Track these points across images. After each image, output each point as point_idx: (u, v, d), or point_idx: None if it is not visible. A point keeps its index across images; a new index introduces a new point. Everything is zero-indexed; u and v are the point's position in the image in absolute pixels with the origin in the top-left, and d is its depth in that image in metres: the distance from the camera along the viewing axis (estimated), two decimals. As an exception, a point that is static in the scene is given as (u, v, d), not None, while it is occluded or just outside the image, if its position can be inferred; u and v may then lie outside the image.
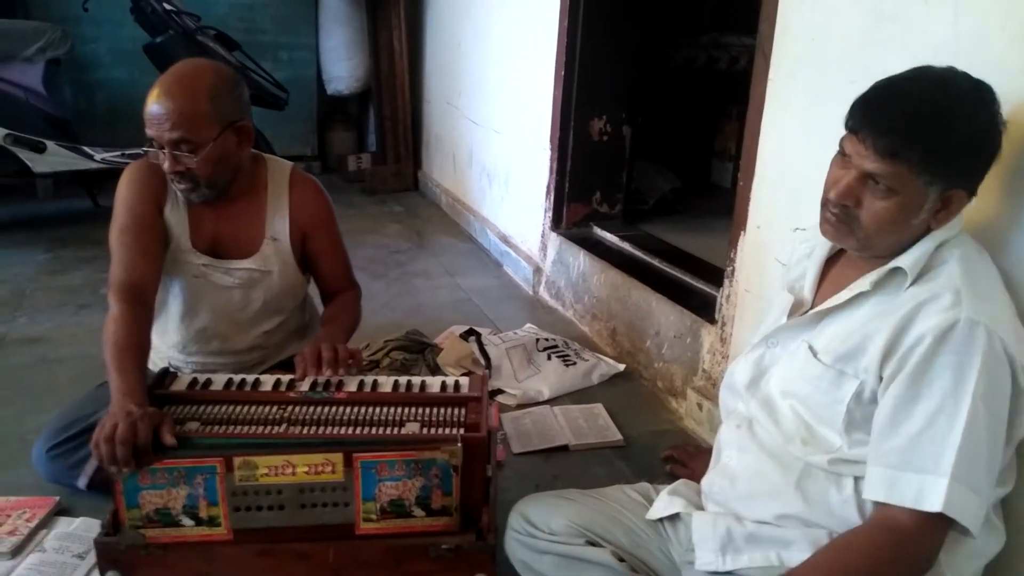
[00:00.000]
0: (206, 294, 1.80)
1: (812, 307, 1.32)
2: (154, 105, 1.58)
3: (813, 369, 1.23)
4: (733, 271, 2.14)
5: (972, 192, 1.16)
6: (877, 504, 1.13)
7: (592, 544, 1.40)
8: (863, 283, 1.21)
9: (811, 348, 1.25)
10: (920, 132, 1.09)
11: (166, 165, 1.62)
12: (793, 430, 1.26)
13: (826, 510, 1.21)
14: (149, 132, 1.60)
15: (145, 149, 1.66)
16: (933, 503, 1.06)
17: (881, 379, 1.15)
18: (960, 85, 1.13)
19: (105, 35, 4.84)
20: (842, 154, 1.18)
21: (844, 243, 1.24)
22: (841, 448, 1.20)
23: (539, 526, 1.44)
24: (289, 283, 1.85)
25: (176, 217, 1.75)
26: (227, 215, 1.77)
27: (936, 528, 1.09)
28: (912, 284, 1.16)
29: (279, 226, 1.80)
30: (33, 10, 4.68)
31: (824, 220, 1.22)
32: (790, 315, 1.34)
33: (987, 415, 1.08)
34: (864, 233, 1.17)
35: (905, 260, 1.17)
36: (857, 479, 1.19)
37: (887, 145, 1.10)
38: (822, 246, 1.34)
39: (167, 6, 3.86)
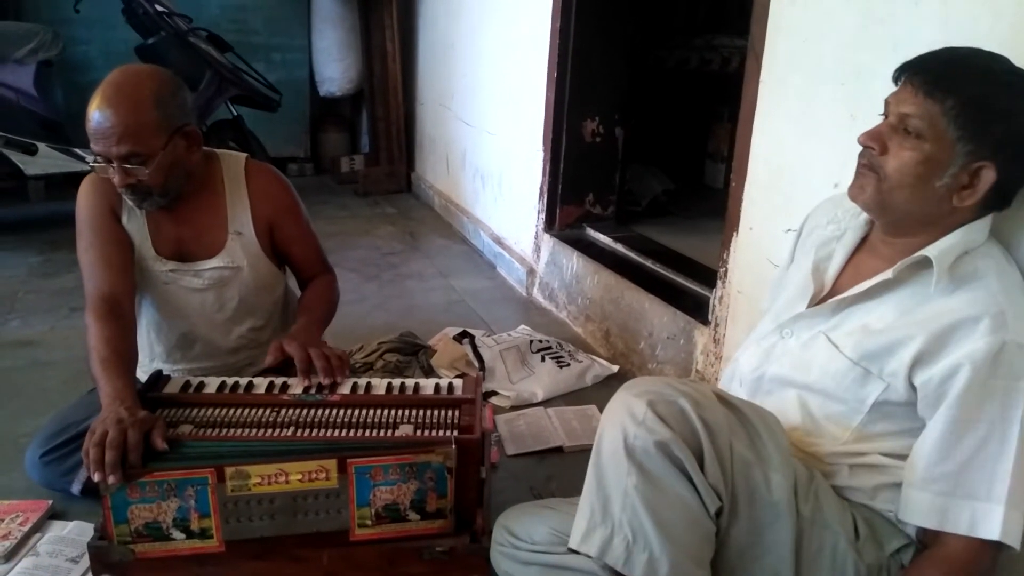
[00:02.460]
0: (179, 299, 1.78)
1: (831, 294, 1.28)
2: (97, 119, 1.51)
3: (837, 364, 1.19)
4: (726, 272, 2.15)
5: (1005, 182, 1.11)
6: (926, 531, 1.13)
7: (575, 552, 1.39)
8: (887, 271, 1.17)
9: (831, 340, 1.21)
10: (963, 78, 1.08)
11: (116, 179, 1.57)
12: (797, 422, 1.24)
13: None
14: (95, 147, 1.54)
15: (92, 164, 1.60)
16: (990, 531, 1.06)
17: (913, 388, 1.12)
18: (1020, 69, 1.11)
19: (97, 37, 4.82)
20: (884, 115, 1.16)
21: (865, 200, 1.18)
22: (847, 443, 1.19)
23: (521, 537, 1.42)
24: (262, 277, 1.83)
25: (135, 226, 1.73)
26: (186, 216, 1.74)
27: (987, 553, 1.09)
28: (950, 292, 1.11)
29: (242, 219, 1.78)
30: (24, 12, 4.66)
31: (854, 178, 1.19)
32: (809, 303, 1.29)
33: None
34: (887, 185, 1.13)
35: (932, 250, 1.12)
36: (852, 467, 1.19)
37: (924, 80, 1.09)
38: (854, 230, 1.30)
39: (159, 7, 3.85)
